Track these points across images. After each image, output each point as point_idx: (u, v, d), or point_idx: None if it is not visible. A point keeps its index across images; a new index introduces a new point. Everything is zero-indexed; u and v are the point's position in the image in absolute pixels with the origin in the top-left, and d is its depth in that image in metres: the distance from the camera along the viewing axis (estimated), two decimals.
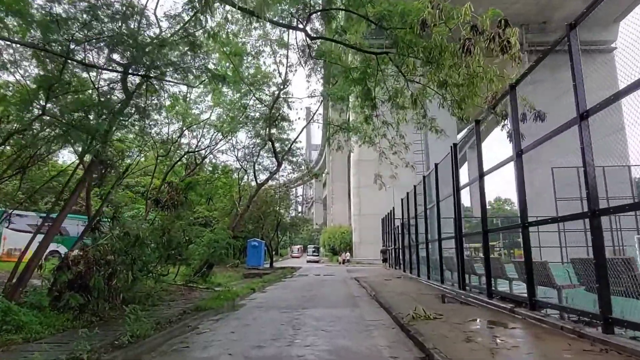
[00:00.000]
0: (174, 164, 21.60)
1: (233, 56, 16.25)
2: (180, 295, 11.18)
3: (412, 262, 18.77)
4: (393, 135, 10.79)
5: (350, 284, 15.74)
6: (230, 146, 25.01)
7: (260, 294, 12.58)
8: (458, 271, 10.49)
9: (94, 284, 7.39)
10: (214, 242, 14.23)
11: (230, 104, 22.98)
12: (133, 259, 8.26)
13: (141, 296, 8.60)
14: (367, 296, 11.14)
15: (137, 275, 8.50)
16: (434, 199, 14.93)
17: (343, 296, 11.39)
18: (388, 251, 25.88)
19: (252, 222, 33.04)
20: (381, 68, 8.77)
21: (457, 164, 10.85)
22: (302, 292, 12.86)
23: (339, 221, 67.92)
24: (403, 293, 10.45)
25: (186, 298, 10.89)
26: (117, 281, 7.92)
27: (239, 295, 11.24)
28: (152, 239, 9.01)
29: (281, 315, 8.22)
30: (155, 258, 9.30)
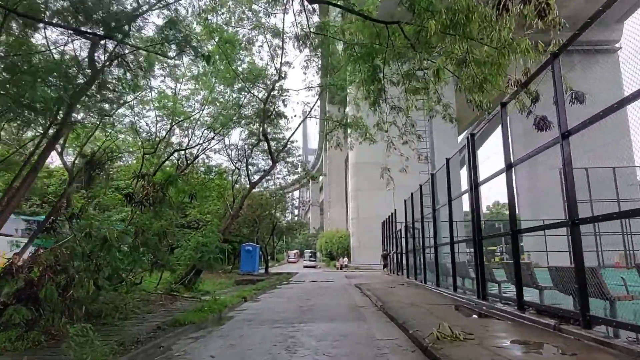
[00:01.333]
0: (161, 162, 20.22)
1: (224, 44, 14.99)
2: (159, 306, 9.80)
3: (417, 268, 17.48)
4: (403, 122, 9.50)
5: (352, 292, 14.41)
6: (223, 145, 23.77)
7: (252, 304, 11.23)
8: (477, 278, 9.21)
9: (46, 294, 6.05)
10: (202, 246, 12.87)
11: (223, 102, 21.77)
12: (98, 265, 6.91)
13: (109, 309, 7.25)
14: (372, 307, 9.82)
15: (104, 284, 7.15)
16: (440, 200, 13.71)
17: (345, 307, 10.06)
18: (389, 256, 24.56)
19: (247, 226, 31.62)
20: (392, 41, 7.52)
21: (476, 156, 9.60)
22: (299, 301, 11.52)
23: (336, 225, 66.58)
24: (414, 304, 9.14)
25: (166, 309, 9.53)
26: (77, 291, 6.56)
27: (227, 306, 9.88)
28: (123, 241, 7.65)
29: (274, 331, 6.88)
30: (127, 264, 7.94)
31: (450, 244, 11.45)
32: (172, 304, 10.40)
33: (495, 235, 8.90)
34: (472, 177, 9.47)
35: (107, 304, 7.40)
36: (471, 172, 9.51)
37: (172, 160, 26.58)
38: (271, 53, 16.81)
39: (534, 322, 6.27)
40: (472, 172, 9.49)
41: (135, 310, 8.83)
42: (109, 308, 7.20)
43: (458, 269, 11.41)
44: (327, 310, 9.32)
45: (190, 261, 12.62)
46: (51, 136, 6.68)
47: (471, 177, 9.48)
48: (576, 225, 5.42)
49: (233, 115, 20.75)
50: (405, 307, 8.65)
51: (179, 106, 21.65)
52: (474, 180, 9.41)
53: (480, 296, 9.01)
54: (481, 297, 8.97)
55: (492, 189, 12.88)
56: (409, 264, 19.79)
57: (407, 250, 19.84)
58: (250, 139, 20.25)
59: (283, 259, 75.11)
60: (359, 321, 7.78)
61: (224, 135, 24.55)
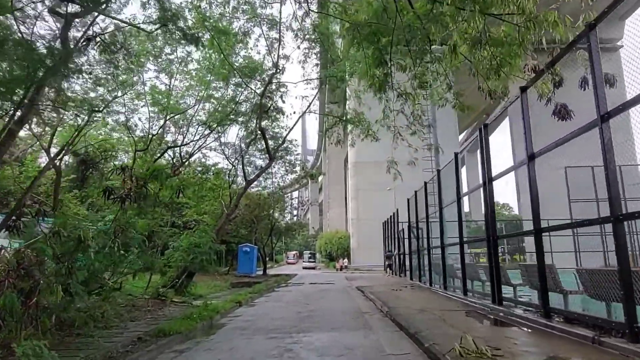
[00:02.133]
0: (154, 160, 19.42)
1: (218, 34, 14.20)
2: (146, 313, 9.00)
3: (422, 270, 16.71)
4: (411, 110, 8.72)
5: (354, 296, 13.61)
6: (218, 143, 23.00)
7: (247, 309, 10.43)
8: (492, 281, 8.43)
9: (5, 303, 5.25)
10: (195, 247, 12.07)
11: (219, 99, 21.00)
12: (69, 268, 6.11)
13: (83, 317, 6.45)
14: (378, 312, 9.02)
15: (77, 289, 6.34)
16: (445, 198, 12.94)
17: (349, 312, 9.26)
18: (394, 257, 23.78)
19: (245, 227, 30.82)
20: (400, 18, 6.74)
21: (489, 148, 8.82)
22: (298, 306, 10.73)
23: (335, 226, 65.84)
24: (423, 309, 8.35)
25: (153, 316, 8.72)
26: (44, 298, 5.77)
27: (219, 312, 9.08)
28: (101, 242, 6.85)
29: (269, 343, 6.09)
30: (105, 266, 7.14)
31: (460, 244, 10.68)
32: (161, 310, 9.60)
33: (513, 235, 8.08)
34: (485, 171, 8.69)
35: (82, 312, 6.60)
36: (484, 165, 8.73)
37: (166, 159, 25.83)
38: (268, 46, 16.04)
39: (565, 332, 5.48)
40: (486, 166, 8.71)
41: (118, 317, 8.06)
42: (83, 317, 6.38)
43: (468, 271, 10.65)
44: (329, 317, 8.53)
45: (181, 263, 11.81)
46: (15, 121, 5.90)
47: (485, 171, 8.70)
48: (620, 221, 4.65)
49: (229, 113, 19.99)
50: (414, 313, 7.87)
51: (173, 102, 20.90)
52: (488, 175, 8.64)
53: (496, 301, 8.24)
54: (497, 302, 8.20)
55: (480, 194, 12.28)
56: (412, 266, 19.01)
57: (411, 251, 19.06)
58: (248, 136, 19.42)
59: (282, 260, 74.31)
60: (365, 330, 6.98)
61: (220, 133, 23.82)
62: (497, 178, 8.35)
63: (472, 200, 43.55)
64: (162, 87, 21.00)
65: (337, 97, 16.28)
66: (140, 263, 8.34)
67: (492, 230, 8.48)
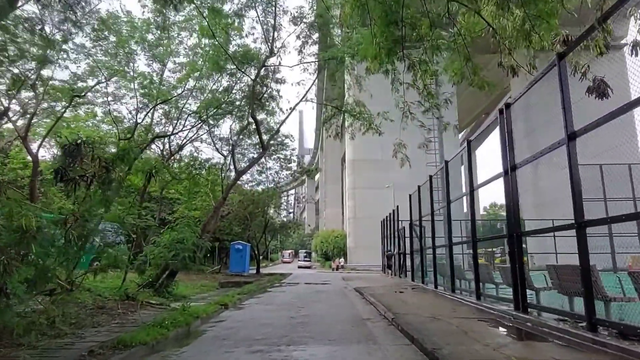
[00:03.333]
0: (141, 150, 18.16)
1: (209, 13, 13.00)
2: (114, 317, 7.79)
3: (426, 271, 15.60)
4: (425, 82, 7.56)
5: (352, 298, 12.46)
6: (209, 135, 21.77)
7: (233, 313, 9.24)
8: (515, 285, 7.29)
9: None
10: (177, 242, 10.86)
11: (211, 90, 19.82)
12: (5, 264, 4.91)
13: (22, 324, 5.24)
14: (381, 319, 7.85)
15: (17, 290, 5.14)
16: (456, 193, 11.84)
17: (348, 319, 8.08)
18: (394, 257, 22.64)
19: (239, 224, 29.58)
20: None
21: (511, 133, 7.67)
22: (290, 310, 9.55)
23: (331, 226, 64.73)
24: (435, 317, 7.20)
25: (121, 321, 7.52)
26: None
27: (199, 317, 7.88)
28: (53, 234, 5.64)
29: (252, 359, 4.92)
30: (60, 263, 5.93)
31: (473, 242, 9.55)
32: (133, 314, 8.39)
33: (548, 230, 6.94)
34: (508, 159, 7.55)
35: (23, 317, 5.39)
36: (506, 150, 7.58)
37: (155, 152, 24.58)
38: (263, 32, 14.83)
39: (625, 352, 4.34)
40: (508, 152, 7.57)
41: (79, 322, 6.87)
42: (22, 323, 5.18)
43: (481, 273, 9.51)
44: (325, 325, 7.35)
45: (162, 261, 10.60)
46: None
47: (507, 158, 7.55)
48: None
49: (221, 103, 18.80)
50: (425, 321, 6.71)
51: (163, 88, 19.65)
52: (510, 162, 7.50)
53: (520, 307, 7.10)
54: (520, 309, 7.06)
55: (488, 189, 11.28)
56: (414, 266, 17.88)
57: (412, 251, 17.93)
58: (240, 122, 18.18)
59: (278, 258, 73.27)
60: (368, 343, 5.81)
61: (212, 126, 22.60)
62: (523, 165, 7.20)
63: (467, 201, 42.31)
64: (153, 76, 19.81)
65: (337, 80, 15.06)
66: (106, 260, 7.11)
67: (514, 226, 7.34)
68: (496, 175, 8.11)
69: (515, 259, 7.34)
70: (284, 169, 30.21)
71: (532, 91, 7.40)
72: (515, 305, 7.25)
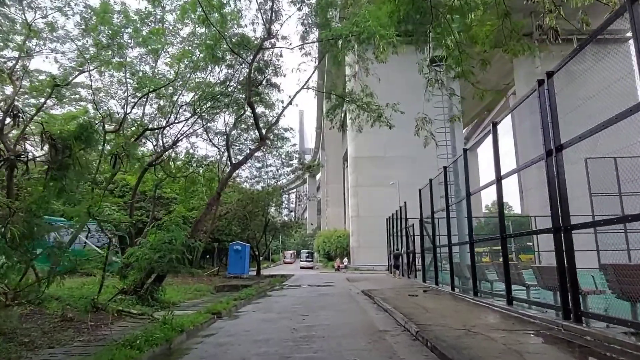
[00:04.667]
0: (130, 142, 16.89)
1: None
2: (81, 332, 6.53)
3: (441, 271, 14.35)
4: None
5: (362, 303, 11.19)
6: (203, 128, 20.50)
7: (226, 324, 7.98)
8: (563, 289, 6.02)
9: None
10: (164, 243, 9.61)
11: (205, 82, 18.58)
12: None
13: None
14: (401, 331, 6.57)
15: None
16: (474, 185, 10.57)
17: (360, 330, 6.81)
18: (402, 256, 21.36)
19: (238, 224, 28.32)
20: None
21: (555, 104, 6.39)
22: (292, 319, 8.29)
23: (333, 226, 63.47)
24: (467, 329, 5.93)
25: (88, 338, 6.26)
26: None
27: (184, 330, 6.62)
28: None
29: None
30: None
31: (501, 238, 8.26)
32: (107, 327, 7.14)
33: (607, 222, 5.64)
34: (550, 136, 6.27)
35: None
36: (548, 128, 6.30)
37: (147, 148, 23.34)
38: (260, 9, 13.56)
39: None
40: (552, 130, 6.29)
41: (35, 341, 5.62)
42: None
43: (512, 274, 8.24)
44: (335, 339, 6.08)
45: (146, 263, 9.33)
46: None
47: (549, 135, 6.27)
48: None
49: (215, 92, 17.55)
50: (459, 335, 5.44)
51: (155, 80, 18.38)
52: (555, 140, 6.21)
53: (570, 316, 5.83)
54: (572, 319, 5.79)
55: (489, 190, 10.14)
56: (425, 266, 16.61)
57: (423, 250, 16.66)
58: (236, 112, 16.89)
59: (279, 259, 72.19)
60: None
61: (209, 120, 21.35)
62: (573, 143, 5.90)
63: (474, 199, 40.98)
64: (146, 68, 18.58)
65: (341, 66, 13.79)
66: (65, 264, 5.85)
67: (563, 218, 6.06)
68: (535, 159, 6.82)
69: (563, 258, 6.06)
70: (285, 166, 28.98)
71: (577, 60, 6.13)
72: (565, 314, 5.98)
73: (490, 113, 65.47)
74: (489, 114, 66.28)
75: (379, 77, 15.01)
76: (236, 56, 15.79)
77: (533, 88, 6.92)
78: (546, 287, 7.54)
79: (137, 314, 8.13)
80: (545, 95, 6.46)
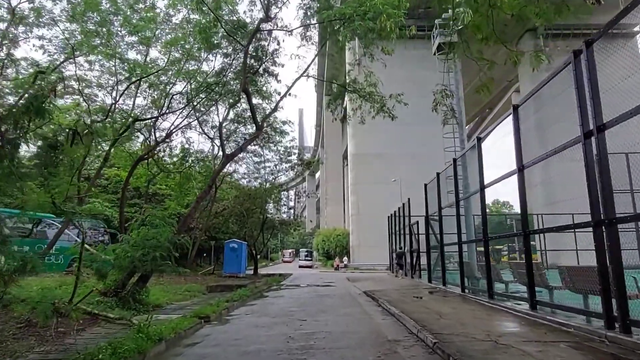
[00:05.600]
0: (120, 134, 15.96)
1: None
2: (44, 341, 5.63)
3: (449, 271, 13.48)
4: None
5: (365, 305, 10.29)
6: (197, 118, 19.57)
7: (214, 330, 7.07)
8: (605, 293, 5.13)
9: None
10: (149, 239, 8.70)
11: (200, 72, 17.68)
12: None
13: None
14: (414, 341, 5.65)
15: None
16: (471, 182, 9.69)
17: (367, 340, 5.90)
18: (405, 255, 20.46)
19: (236, 222, 27.40)
20: None
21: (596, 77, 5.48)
22: (289, 324, 7.39)
23: (333, 224, 62.61)
24: (494, 340, 5.03)
25: (49, 348, 5.35)
26: None
27: (163, 339, 5.71)
28: None
29: None
30: None
31: (524, 235, 7.36)
32: (80, 333, 6.24)
33: None
34: (593, 112, 5.36)
35: None
36: (592, 104, 5.39)
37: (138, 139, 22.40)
38: None
39: None
40: (593, 106, 5.38)
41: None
42: None
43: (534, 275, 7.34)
44: (337, 352, 5.17)
45: (127, 262, 8.42)
46: None
47: (593, 111, 5.37)
48: None
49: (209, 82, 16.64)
50: (487, 350, 4.54)
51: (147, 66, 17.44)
52: (597, 119, 5.31)
53: (618, 327, 4.94)
54: (619, 328, 4.89)
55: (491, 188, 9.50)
56: (430, 265, 15.71)
57: (428, 248, 15.76)
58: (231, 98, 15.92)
59: (278, 258, 71.48)
60: None
61: (204, 112, 20.43)
62: (619, 122, 5.00)
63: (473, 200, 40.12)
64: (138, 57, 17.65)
65: (342, 51, 12.87)
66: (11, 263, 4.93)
67: (606, 210, 5.16)
68: (571, 141, 5.91)
69: (605, 256, 5.17)
70: (284, 162, 28.04)
71: None
72: (608, 322, 5.09)
73: (492, 111, 64.63)
74: (491, 112, 65.50)
75: (381, 77, 14.40)
76: (232, 43, 14.89)
77: (567, 61, 6.00)
78: (576, 290, 6.66)
79: (115, 318, 7.22)
80: (584, 66, 5.55)
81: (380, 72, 14.42)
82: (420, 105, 15.76)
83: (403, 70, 35.14)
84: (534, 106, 7.94)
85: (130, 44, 16.84)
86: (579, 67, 5.71)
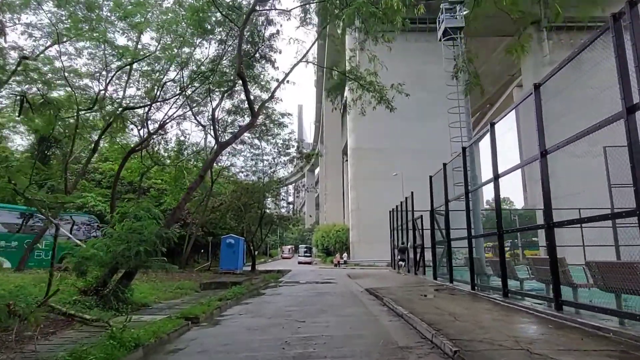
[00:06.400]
0: (108, 123, 15.19)
1: None
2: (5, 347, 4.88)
3: (456, 267, 12.76)
4: None
5: (368, 304, 9.55)
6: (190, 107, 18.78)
7: (201, 333, 6.33)
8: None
9: None
10: (132, 233, 7.96)
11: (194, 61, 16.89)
12: None
13: None
14: (429, 348, 4.90)
15: None
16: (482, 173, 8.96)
17: (374, 348, 5.13)
18: (407, 251, 19.73)
19: (233, 217, 26.63)
20: None
21: None
22: (285, 326, 6.65)
23: (332, 220, 61.91)
24: (526, 349, 4.30)
25: (9, 355, 4.61)
26: None
27: (140, 345, 4.96)
28: None
29: None
30: None
31: (547, 227, 6.61)
32: (48, 337, 5.50)
33: None
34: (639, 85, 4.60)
35: None
36: (639, 75, 4.63)
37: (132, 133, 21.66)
38: None
39: None
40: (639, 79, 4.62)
41: None
42: None
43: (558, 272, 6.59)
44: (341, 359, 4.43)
45: (109, 257, 7.67)
46: None
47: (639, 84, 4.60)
48: None
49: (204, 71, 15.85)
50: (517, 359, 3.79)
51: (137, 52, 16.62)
52: None
53: None
54: None
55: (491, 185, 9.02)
56: (436, 262, 14.98)
57: (434, 243, 15.03)
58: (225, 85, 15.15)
59: (277, 254, 70.86)
60: None
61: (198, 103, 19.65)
62: None
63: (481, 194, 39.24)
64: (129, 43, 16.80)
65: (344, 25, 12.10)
66: None
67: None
68: (607, 119, 5.14)
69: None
70: (282, 155, 27.21)
71: None
72: None
73: (493, 107, 63.72)
74: (492, 107, 64.59)
75: (382, 71, 13.77)
76: (226, 29, 14.10)
77: (604, 26, 5.23)
78: (607, 289, 5.92)
79: (91, 319, 6.47)
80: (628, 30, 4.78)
81: (381, 65, 13.85)
82: (421, 101, 15.12)
83: (404, 64, 34.23)
84: (554, 88, 7.17)
85: (120, 30, 16.03)
86: (620, 31, 4.94)
